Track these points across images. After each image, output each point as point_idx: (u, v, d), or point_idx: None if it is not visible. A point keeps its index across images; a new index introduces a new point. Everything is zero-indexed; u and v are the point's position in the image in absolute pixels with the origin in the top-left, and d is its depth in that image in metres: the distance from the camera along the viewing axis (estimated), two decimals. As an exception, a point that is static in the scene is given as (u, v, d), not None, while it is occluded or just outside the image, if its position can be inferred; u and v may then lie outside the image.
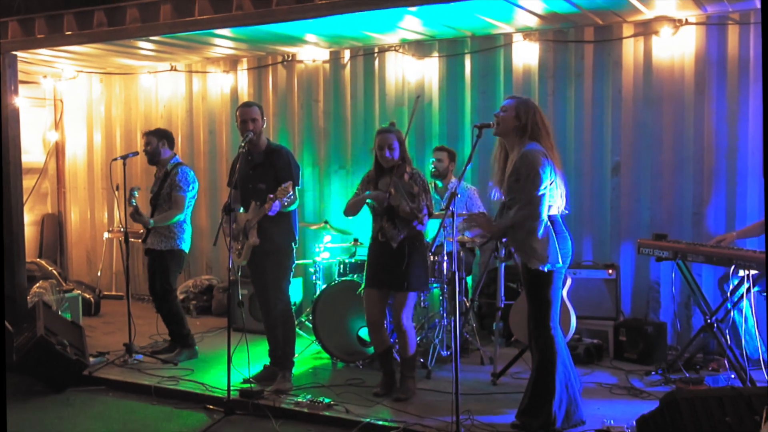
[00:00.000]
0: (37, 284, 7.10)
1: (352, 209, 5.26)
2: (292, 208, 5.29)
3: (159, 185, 6.17)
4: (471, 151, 4.41)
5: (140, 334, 6.56)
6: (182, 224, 6.14)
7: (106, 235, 8.83)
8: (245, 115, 5.28)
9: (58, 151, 9.34)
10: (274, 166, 5.29)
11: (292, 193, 5.02)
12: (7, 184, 6.26)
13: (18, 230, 6.51)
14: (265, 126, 5.41)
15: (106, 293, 8.70)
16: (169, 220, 6.02)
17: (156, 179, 6.26)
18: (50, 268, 8.17)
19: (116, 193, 8.69)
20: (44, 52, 7.27)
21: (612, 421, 4.30)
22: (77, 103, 9.20)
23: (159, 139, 6.15)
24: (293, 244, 5.45)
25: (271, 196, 4.98)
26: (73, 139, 9.30)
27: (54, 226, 9.33)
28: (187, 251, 6.24)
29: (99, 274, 8.96)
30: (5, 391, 2.44)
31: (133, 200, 5.94)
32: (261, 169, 5.34)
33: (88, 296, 8.00)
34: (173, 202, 6.04)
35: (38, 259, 8.53)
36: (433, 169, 6.41)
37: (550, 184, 4.32)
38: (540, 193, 4.25)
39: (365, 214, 5.34)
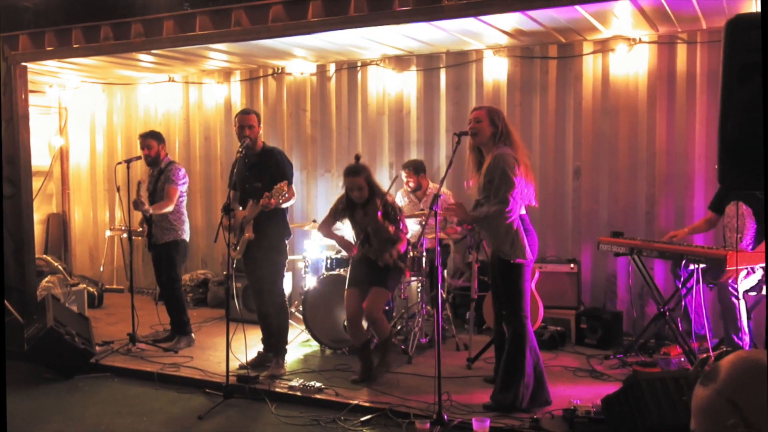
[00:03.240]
0: (46, 279, 6.96)
1: (324, 233, 5.37)
2: (288, 204, 5.25)
3: (154, 183, 6.17)
4: (452, 156, 4.41)
5: (141, 324, 6.44)
6: (181, 216, 6.14)
7: (108, 233, 8.70)
8: (243, 121, 5.23)
9: (62, 156, 9.17)
10: (268, 167, 5.24)
11: (286, 191, 4.98)
12: (18, 185, 6.13)
13: (28, 228, 6.39)
14: (260, 131, 5.37)
15: (107, 287, 8.57)
16: (164, 209, 6.00)
17: (151, 177, 6.24)
18: (56, 264, 8.02)
19: (118, 194, 8.61)
20: (51, 64, 7.12)
21: (578, 401, 4.31)
22: (81, 111, 9.04)
23: (159, 142, 6.14)
24: (286, 239, 5.41)
25: (268, 194, 4.95)
26: (77, 144, 9.13)
27: (59, 225, 9.16)
28: (188, 240, 6.23)
29: (101, 269, 8.82)
30: (5, 385, 2.35)
31: (139, 190, 5.94)
32: (257, 170, 5.28)
33: (91, 289, 7.87)
34: (166, 194, 6.04)
35: (44, 255, 8.37)
36: (408, 189, 6.41)
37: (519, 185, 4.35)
38: (512, 192, 4.27)
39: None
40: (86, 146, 9.10)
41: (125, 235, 8.50)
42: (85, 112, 9.03)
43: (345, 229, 5.50)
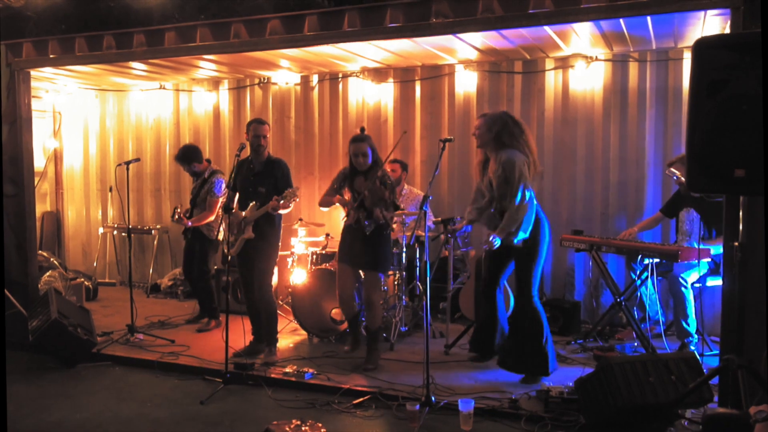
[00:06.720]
0: (48, 273, 6.72)
1: (324, 204, 5.24)
2: (286, 211, 5.19)
3: (198, 189, 6.29)
4: (438, 161, 4.40)
5: (137, 315, 6.29)
6: (217, 219, 6.25)
7: (101, 230, 8.46)
8: (259, 131, 5.17)
9: (56, 157, 8.87)
10: (273, 175, 5.19)
11: (297, 196, 4.98)
12: (21, 184, 5.90)
13: (30, 225, 6.14)
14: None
15: (100, 281, 8.31)
16: (205, 221, 6.16)
17: (195, 184, 6.37)
18: (52, 259, 7.76)
19: (112, 193, 8.39)
20: (48, 70, 6.85)
21: (551, 383, 4.35)
22: (75, 116, 8.75)
23: (189, 163, 6.25)
24: (278, 240, 5.35)
25: (277, 197, 4.91)
26: (71, 147, 8.84)
27: (53, 222, 8.86)
28: (219, 241, 6.35)
29: (95, 264, 8.56)
30: (5, 377, 2.25)
31: (176, 215, 6.07)
32: (262, 176, 5.23)
33: (87, 283, 7.63)
34: (207, 205, 6.17)
35: (40, 251, 8.08)
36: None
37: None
38: (527, 186, 4.40)
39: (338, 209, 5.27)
40: (79, 149, 8.82)
41: (116, 232, 8.33)
42: (78, 116, 8.75)
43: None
